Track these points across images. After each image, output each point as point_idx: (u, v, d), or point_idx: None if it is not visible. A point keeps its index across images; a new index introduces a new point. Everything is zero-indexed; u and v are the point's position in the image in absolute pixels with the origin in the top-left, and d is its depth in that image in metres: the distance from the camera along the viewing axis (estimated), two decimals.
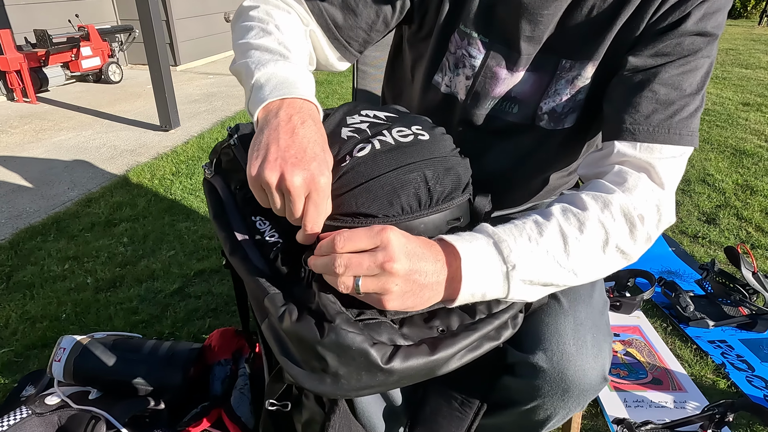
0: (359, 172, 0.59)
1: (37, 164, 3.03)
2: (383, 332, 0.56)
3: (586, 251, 0.60)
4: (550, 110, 0.76)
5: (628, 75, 0.69)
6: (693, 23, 0.66)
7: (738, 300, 1.66)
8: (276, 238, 0.65)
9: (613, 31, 0.70)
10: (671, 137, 0.66)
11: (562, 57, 0.73)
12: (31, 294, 1.82)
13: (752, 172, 2.91)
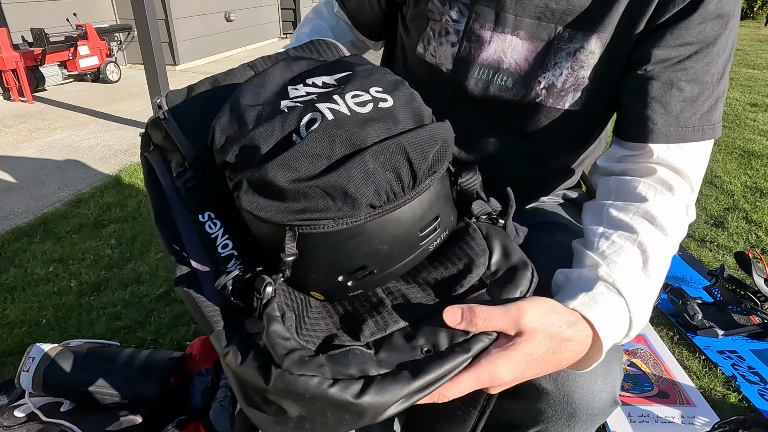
0: (314, 154, 0.47)
1: (28, 164, 2.97)
2: (352, 363, 0.48)
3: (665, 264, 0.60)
4: (549, 85, 0.69)
5: (655, 71, 0.63)
6: (714, 3, 0.60)
7: (749, 308, 1.58)
8: (230, 249, 0.56)
9: (621, 1, 0.63)
10: (696, 134, 0.64)
11: (559, 25, 0.66)
12: (12, 298, 1.76)
13: (761, 174, 2.82)
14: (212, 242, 0.57)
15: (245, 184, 0.48)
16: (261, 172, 0.47)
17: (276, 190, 0.47)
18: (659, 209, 0.60)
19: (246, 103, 0.52)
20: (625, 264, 0.57)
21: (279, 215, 0.47)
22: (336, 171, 0.46)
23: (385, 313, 0.54)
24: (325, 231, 0.48)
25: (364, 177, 0.46)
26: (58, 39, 4.43)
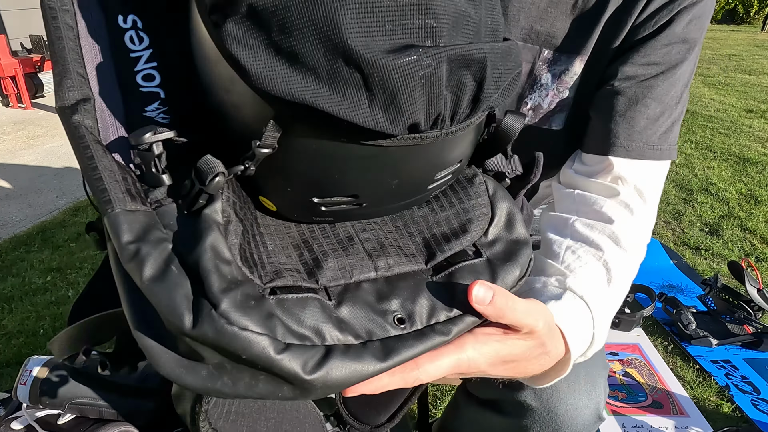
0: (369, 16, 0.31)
1: (27, 171, 2.98)
2: (307, 318, 0.37)
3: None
4: (535, 106, 0.71)
5: (622, 86, 0.65)
6: (681, 27, 0.63)
7: (742, 317, 1.59)
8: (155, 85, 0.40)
9: (600, 23, 0.65)
10: (654, 153, 0.65)
11: (544, 47, 0.68)
12: (10, 308, 1.77)
13: (756, 181, 2.84)
14: (130, 64, 0.41)
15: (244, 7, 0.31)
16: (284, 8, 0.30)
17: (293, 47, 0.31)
18: (623, 231, 0.61)
19: None
20: (591, 279, 0.57)
21: (279, 82, 0.32)
22: (395, 57, 0.31)
23: (354, 254, 0.43)
24: (329, 135, 0.34)
25: (425, 88, 0.33)
26: None
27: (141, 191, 0.38)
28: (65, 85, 0.38)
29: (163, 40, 0.42)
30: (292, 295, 0.37)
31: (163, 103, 0.41)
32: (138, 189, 0.38)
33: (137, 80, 0.41)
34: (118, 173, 0.37)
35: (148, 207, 0.37)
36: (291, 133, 0.35)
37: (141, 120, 0.40)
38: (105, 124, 0.40)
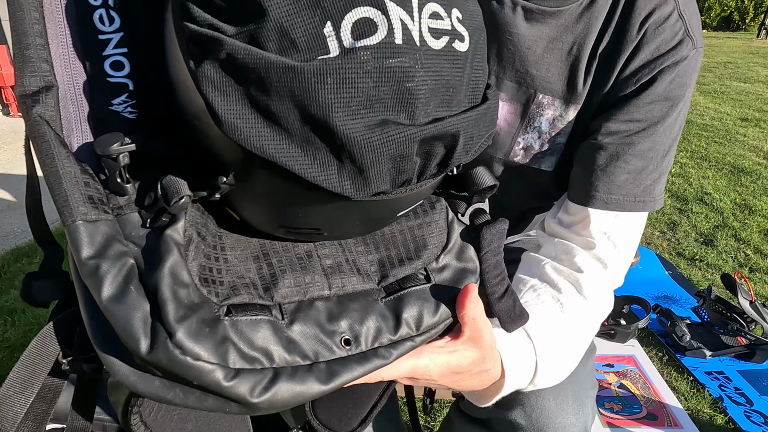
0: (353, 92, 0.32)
1: None
2: (259, 339, 0.38)
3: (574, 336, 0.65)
4: (527, 146, 0.73)
5: (604, 141, 0.67)
6: (663, 87, 0.64)
7: (735, 329, 1.61)
8: (123, 75, 0.38)
9: (591, 72, 0.67)
10: (636, 205, 0.68)
11: (538, 91, 0.70)
12: (12, 320, 1.79)
13: (750, 191, 2.87)
14: (98, 47, 0.39)
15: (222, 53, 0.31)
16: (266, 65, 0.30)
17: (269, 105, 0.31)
18: (589, 281, 0.66)
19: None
20: (541, 313, 0.62)
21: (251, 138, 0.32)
22: (369, 133, 0.32)
23: (311, 271, 0.44)
24: (294, 186, 0.34)
25: (394, 162, 0.34)
26: None
27: (104, 196, 0.38)
28: (26, 70, 0.36)
29: (134, 22, 0.39)
30: (246, 317, 0.39)
31: (131, 95, 0.39)
32: (101, 193, 0.38)
33: (105, 68, 0.39)
34: (80, 178, 0.36)
35: (110, 214, 0.37)
36: (257, 176, 0.35)
37: (107, 114, 0.39)
38: (68, 116, 0.38)
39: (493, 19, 0.67)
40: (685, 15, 0.64)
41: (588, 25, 0.66)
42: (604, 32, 0.65)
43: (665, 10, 0.63)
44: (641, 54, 0.64)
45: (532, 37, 0.67)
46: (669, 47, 0.64)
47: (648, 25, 0.63)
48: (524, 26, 0.66)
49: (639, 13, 0.64)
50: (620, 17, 0.65)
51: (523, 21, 0.66)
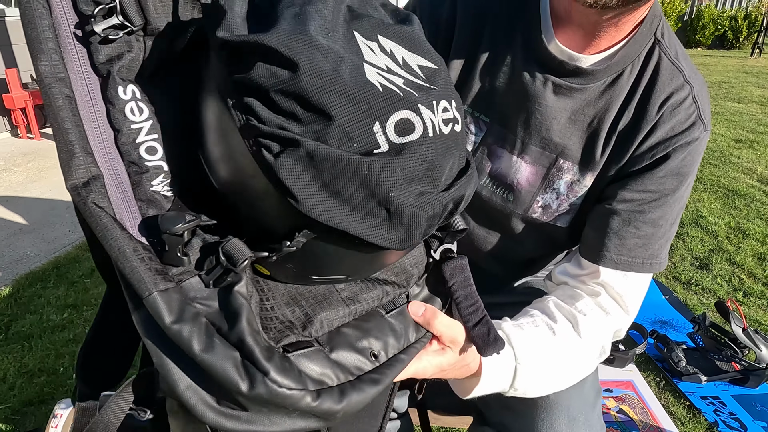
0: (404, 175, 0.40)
1: (39, 205, 3.06)
2: (317, 365, 0.47)
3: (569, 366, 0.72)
4: (545, 205, 0.80)
5: (618, 207, 0.73)
6: (676, 163, 0.71)
7: (729, 355, 1.68)
8: (158, 158, 0.43)
9: (610, 145, 0.74)
10: (643, 267, 0.74)
11: (559, 156, 0.77)
12: (30, 345, 1.84)
13: (744, 214, 2.95)
14: (133, 136, 0.43)
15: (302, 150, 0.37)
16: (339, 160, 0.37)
17: (338, 187, 0.38)
18: (587, 322, 0.72)
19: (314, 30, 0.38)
20: (530, 331, 0.70)
21: (323, 212, 0.39)
22: (416, 202, 0.41)
23: (334, 304, 0.52)
24: (345, 243, 0.42)
25: (429, 219, 0.43)
26: None
27: (163, 266, 0.43)
28: (74, 164, 0.41)
29: (160, 111, 0.44)
30: (302, 350, 0.47)
31: (166, 176, 0.44)
32: (160, 264, 0.43)
33: (141, 153, 0.44)
34: (143, 254, 0.41)
35: (174, 283, 0.42)
36: (315, 239, 0.42)
37: (150, 195, 0.44)
38: (116, 200, 0.42)
39: (524, 90, 0.74)
40: (698, 100, 0.71)
41: (609, 101, 0.72)
42: (624, 109, 0.72)
43: (681, 95, 0.70)
44: (657, 132, 0.71)
45: (558, 109, 0.74)
46: (683, 128, 0.71)
47: (666, 107, 0.70)
48: (552, 98, 0.73)
49: (658, 95, 0.70)
50: (641, 98, 0.71)
51: (551, 94, 0.73)
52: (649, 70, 0.71)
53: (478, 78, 0.77)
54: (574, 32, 0.70)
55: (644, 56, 0.71)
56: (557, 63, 0.72)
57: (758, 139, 4.39)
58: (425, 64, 0.45)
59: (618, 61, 0.70)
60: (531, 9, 0.73)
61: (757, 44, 9.81)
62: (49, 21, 0.42)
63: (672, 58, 0.71)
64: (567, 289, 0.78)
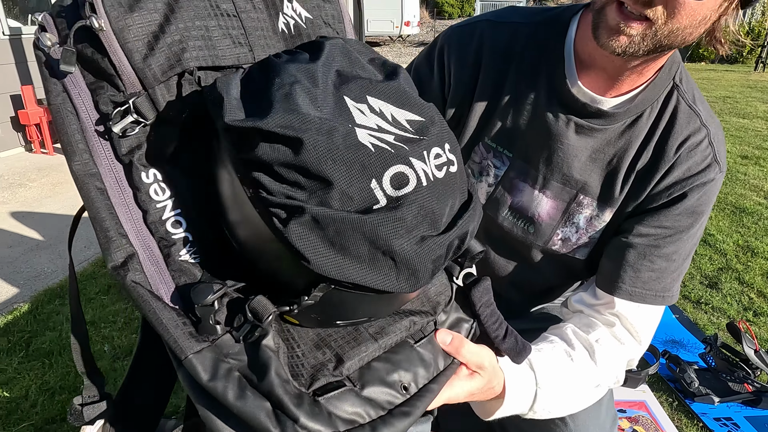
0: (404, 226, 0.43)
1: (54, 220, 3.11)
2: (349, 405, 0.49)
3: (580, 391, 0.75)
4: (565, 238, 0.84)
5: (634, 241, 0.77)
6: (692, 203, 0.75)
7: (742, 376, 1.69)
8: (183, 230, 0.48)
9: (628, 183, 0.78)
10: (655, 299, 0.78)
11: (579, 192, 0.80)
12: (50, 363, 1.87)
13: (752, 232, 2.97)
14: (159, 214, 0.48)
15: (307, 216, 0.41)
16: (340, 221, 0.41)
17: (345, 245, 0.42)
18: (602, 352, 0.76)
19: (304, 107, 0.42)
20: (549, 356, 0.73)
21: (334, 269, 0.42)
22: (418, 249, 0.44)
23: (363, 340, 0.54)
24: (362, 291, 0.45)
25: (434, 262, 0.46)
26: None
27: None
28: (112, 248, 0.46)
29: (181, 186, 0.49)
30: (333, 392, 0.49)
31: (192, 245, 0.49)
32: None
33: (168, 228, 0.48)
34: (179, 320, 0.46)
35: (208, 341, 0.47)
36: (331, 291, 0.45)
37: (180, 264, 0.49)
38: (151, 274, 0.48)
39: (547, 129, 0.78)
40: (714, 143, 0.75)
41: (628, 141, 0.76)
42: (643, 149, 0.76)
43: (698, 137, 0.74)
44: (675, 172, 0.74)
45: (579, 147, 0.78)
46: (699, 169, 0.74)
47: (683, 148, 0.74)
48: (574, 137, 0.77)
49: (676, 137, 0.74)
50: (659, 139, 0.75)
51: (573, 133, 0.77)
52: (668, 113, 0.75)
53: (502, 115, 0.81)
54: (598, 76, 0.74)
55: (663, 99, 0.75)
56: (580, 105, 0.75)
57: (764, 156, 4.41)
58: (413, 117, 0.48)
59: (638, 104, 0.74)
60: (555, 52, 0.77)
61: (761, 59, 9.86)
62: (77, 125, 0.47)
63: (689, 102, 0.75)
64: (583, 317, 0.81)
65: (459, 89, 0.83)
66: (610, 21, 0.63)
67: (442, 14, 20.11)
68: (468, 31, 0.83)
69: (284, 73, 0.45)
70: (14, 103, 4.36)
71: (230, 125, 0.42)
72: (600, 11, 0.64)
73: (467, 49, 0.82)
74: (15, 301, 2.27)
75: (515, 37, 0.80)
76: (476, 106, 0.82)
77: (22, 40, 4.42)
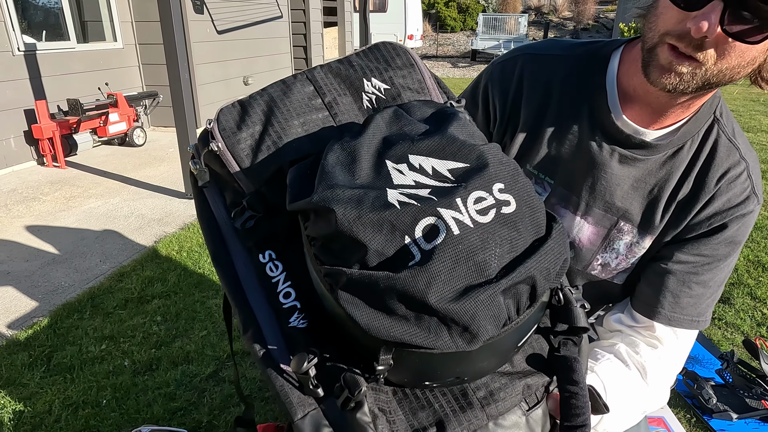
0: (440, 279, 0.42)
1: (69, 234, 3.14)
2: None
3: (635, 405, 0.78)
4: (604, 263, 0.86)
5: (674, 268, 0.80)
6: (731, 233, 0.77)
7: (760, 393, 1.70)
8: (292, 300, 0.54)
9: (669, 211, 0.80)
10: (692, 324, 0.80)
11: (620, 219, 0.83)
12: (72, 377, 1.89)
13: (762, 247, 2.99)
14: (273, 288, 0.55)
15: (346, 280, 0.44)
16: (374, 281, 0.43)
17: (387, 305, 0.43)
18: (652, 372, 0.79)
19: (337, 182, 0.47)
20: (616, 380, 0.76)
21: (383, 330, 0.43)
22: (460, 302, 0.42)
23: (468, 408, 0.53)
24: (430, 353, 0.44)
25: (489, 313, 0.43)
26: (90, 107, 4.71)
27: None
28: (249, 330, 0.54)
29: (292, 262, 0.55)
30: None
31: (300, 311, 0.54)
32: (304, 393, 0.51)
33: (280, 299, 0.54)
34: (292, 384, 0.51)
35: (315, 406, 0.51)
36: (399, 353, 0.46)
37: (289, 331, 0.54)
38: (268, 341, 0.53)
39: (591, 158, 0.81)
40: (752, 176, 0.78)
41: (670, 172, 0.79)
42: (684, 180, 0.79)
43: (738, 170, 0.77)
44: (715, 203, 0.77)
45: (621, 176, 0.80)
46: (738, 201, 0.77)
47: (723, 180, 0.77)
48: (617, 167, 0.80)
49: (716, 170, 0.77)
50: (699, 171, 0.78)
51: (617, 163, 0.80)
52: (708, 146, 0.78)
53: (544, 144, 0.84)
54: (642, 110, 0.77)
55: (704, 132, 0.78)
56: (624, 136, 0.78)
57: None
58: (456, 165, 0.48)
59: (680, 137, 0.77)
60: (597, 85, 0.80)
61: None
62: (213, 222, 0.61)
63: (729, 136, 0.78)
64: (625, 337, 0.83)
65: (503, 121, 0.87)
66: (661, 60, 0.65)
67: (445, 28, 20.29)
68: (510, 65, 0.86)
69: (329, 152, 0.50)
70: (28, 118, 4.42)
71: (289, 210, 0.49)
72: (651, 50, 0.66)
73: (509, 83, 0.85)
74: (34, 315, 2.29)
75: (556, 69, 0.83)
76: (518, 136, 0.85)
77: (36, 56, 4.49)
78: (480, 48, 15.79)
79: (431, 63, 15.24)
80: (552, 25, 19.43)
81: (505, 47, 15.16)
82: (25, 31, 4.54)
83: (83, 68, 5.02)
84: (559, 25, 20.76)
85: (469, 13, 20.50)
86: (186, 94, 3.52)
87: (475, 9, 20.36)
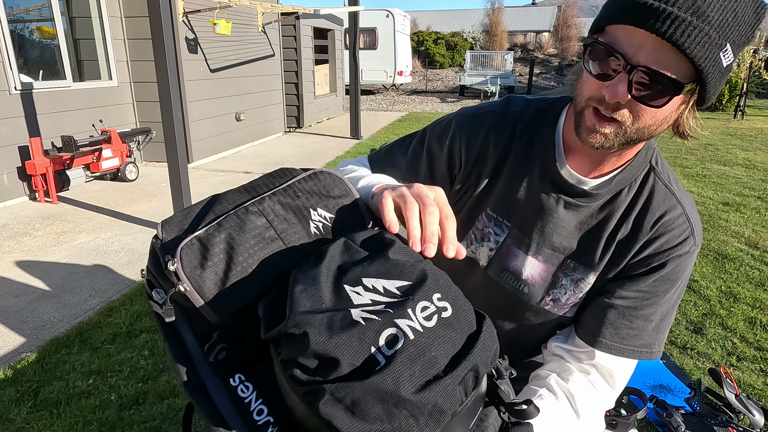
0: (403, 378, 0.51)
1: (59, 269, 3.19)
2: None
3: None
4: (555, 299, 0.95)
5: (615, 302, 0.88)
6: (668, 271, 0.86)
7: (725, 420, 1.77)
8: (265, 416, 0.59)
9: (609, 250, 0.90)
10: (634, 354, 0.88)
11: (567, 258, 0.92)
12: (58, 412, 1.92)
13: (734, 278, 3.09)
14: (247, 408, 0.59)
15: (324, 394, 0.50)
16: (351, 390, 0.50)
17: (362, 408, 0.50)
18: (582, 400, 0.86)
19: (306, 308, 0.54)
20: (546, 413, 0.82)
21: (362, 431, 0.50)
22: (422, 393, 0.50)
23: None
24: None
25: (447, 399, 0.52)
26: (84, 144, 4.81)
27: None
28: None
29: (259, 381, 0.60)
30: None
31: (274, 425, 0.58)
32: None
33: (254, 417, 0.58)
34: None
35: None
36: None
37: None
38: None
39: (540, 204, 0.91)
40: (690, 218, 0.86)
41: (609, 214, 0.88)
42: (623, 222, 0.88)
43: (675, 213, 0.85)
44: (654, 245, 0.85)
45: (566, 219, 0.90)
46: (676, 242, 0.85)
47: (660, 223, 0.85)
48: (563, 212, 0.90)
49: (653, 213, 0.85)
50: (638, 214, 0.87)
51: (562, 208, 0.90)
52: (646, 191, 0.87)
53: (502, 189, 0.95)
54: (582, 159, 0.87)
55: (641, 179, 0.88)
56: (568, 185, 0.88)
57: (744, 202, 4.60)
58: (402, 283, 0.58)
59: (617, 184, 0.87)
60: (548, 138, 0.91)
61: (739, 107, 10.30)
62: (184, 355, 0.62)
63: (665, 182, 0.87)
64: (562, 363, 0.91)
65: (467, 168, 0.97)
66: (587, 122, 0.76)
67: (434, 64, 20.86)
68: (478, 121, 0.97)
69: (295, 283, 0.59)
70: (22, 154, 4.51)
71: (264, 339, 0.57)
72: (580, 113, 0.77)
73: (476, 137, 0.96)
74: (22, 350, 2.32)
75: (516, 123, 0.94)
76: (482, 182, 0.96)
77: (32, 95, 4.61)
78: (468, 84, 16.23)
79: (421, 98, 15.60)
80: (537, 62, 20.01)
81: (491, 83, 15.60)
82: (23, 69, 4.67)
83: (78, 106, 5.14)
84: (545, 62, 21.41)
85: (457, 50, 21.10)
86: (178, 131, 3.64)
87: (463, 46, 20.96)
